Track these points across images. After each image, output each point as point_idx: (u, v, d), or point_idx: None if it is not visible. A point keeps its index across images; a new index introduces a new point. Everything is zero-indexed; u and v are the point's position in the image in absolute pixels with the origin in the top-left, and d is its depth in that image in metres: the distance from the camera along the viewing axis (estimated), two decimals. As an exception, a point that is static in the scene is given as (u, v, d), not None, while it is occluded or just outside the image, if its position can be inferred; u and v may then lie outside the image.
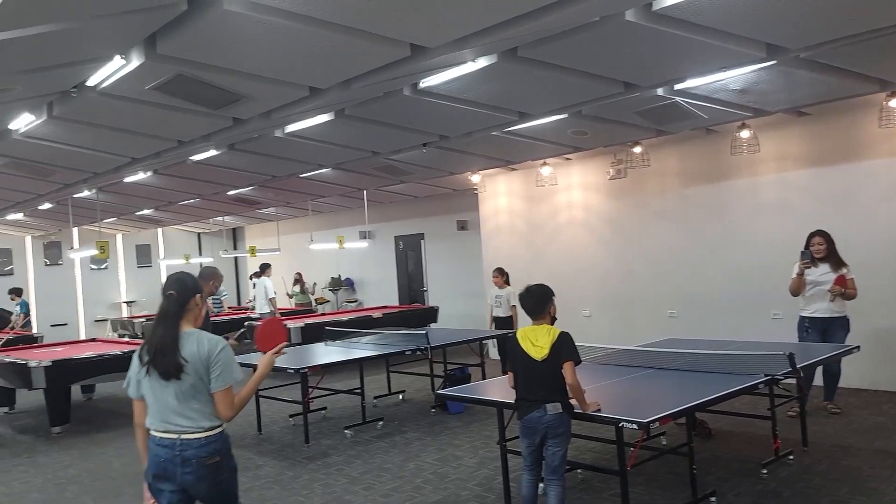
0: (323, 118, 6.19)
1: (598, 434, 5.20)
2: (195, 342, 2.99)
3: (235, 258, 18.73)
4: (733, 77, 5.30)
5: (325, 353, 7.72)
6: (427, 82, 5.21)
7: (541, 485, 4.12)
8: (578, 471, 5.07)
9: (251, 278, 16.27)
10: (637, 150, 8.32)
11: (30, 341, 10.91)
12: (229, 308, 15.63)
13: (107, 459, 6.62)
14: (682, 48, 4.51)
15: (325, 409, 7.81)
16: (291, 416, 7.49)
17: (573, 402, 3.95)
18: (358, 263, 15.35)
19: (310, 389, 6.87)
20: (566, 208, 10.25)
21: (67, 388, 8.06)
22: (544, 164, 9.56)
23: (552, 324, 4.06)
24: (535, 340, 3.94)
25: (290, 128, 6.54)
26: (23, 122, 5.66)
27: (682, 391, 4.63)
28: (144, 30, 3.84)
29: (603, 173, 9.53)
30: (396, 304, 13.93)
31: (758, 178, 8.15)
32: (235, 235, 19.13)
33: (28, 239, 16.09)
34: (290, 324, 10.58)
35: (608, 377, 5.09)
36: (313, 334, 10.10)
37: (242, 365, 3.53)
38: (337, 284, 15.52)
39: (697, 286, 8.70)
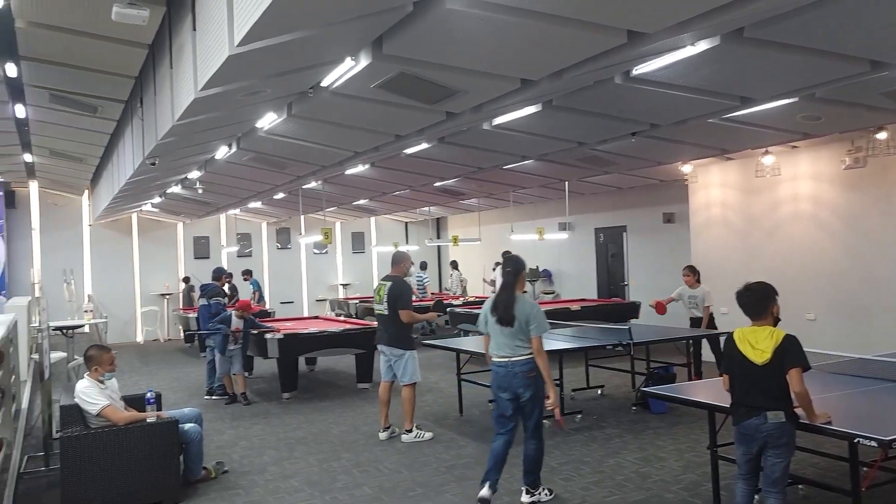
0: (530, 110, 6.24)
1: (824, 449, 4.76)
2: (522, 303, 4.68)
3: (438, 247, 19.61)
4: None
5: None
6: (640, 69, 5.04)
7: (756, 496, 3.85)
8: (800, 486, 4.65)
9: (452, 266, 16.99)
10: (881, 135, 7.39)
11: (264, 316, 12.32)
12: (432, 294, 16.42)
13: (327, 426, 7.30)
14: (949, 17, 3.91)
15: (523, 397, 7.91)
16: (490, 401, 7.69)
17: (798, 411, 3.63)
18: (556, 255, 15.31)
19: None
20: (790, 201, 9.37)
21: (295, 359, 9.00)
22: (766, 152, 8.82)
23: (775, 325, 3.76)
24: (756, 343, 3.68)
25: (498, 120, 6.69)
26: (267, 120, 6.39)
27: (932, 410, 4.06)
28: (373, 32, 4.15)
29: (837, 162, 8.57)
30: (595, 297, 13.70)
31: None
32: (439, 225, 20.00)
33: (264, 225, 18.15)
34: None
35: (840, 388, 4.61)
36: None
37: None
38: (534, 275, 15.62)
39: (953, 292, 7.52)
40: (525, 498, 4.82)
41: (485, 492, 4.67)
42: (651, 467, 5.50)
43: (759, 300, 3.77)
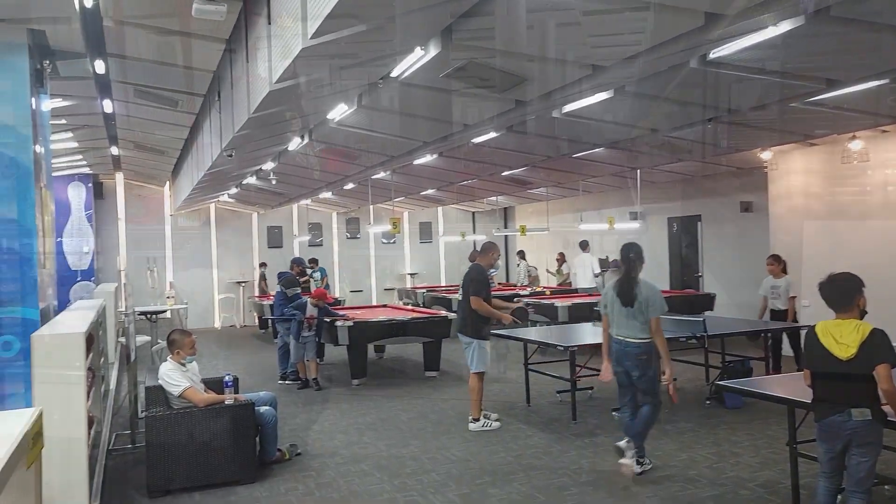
0: (601, 96, 6.11)
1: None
2: (642, 287, 5.11)
3: (505, 236, 19.53)
4: None
5: (593, 333, 7.71)
6: (718, 52, 4.86)
7: (839, 496, 3.69)
8: (886, 486, 4.43)
9: (519, 257, 16.88)
10: (982, 118, 6.88)
11: (335, 304, 12.55)
12: (499, 283, 16.37)
13: (395, 413, 7.41)
14: None
15: (591, 388, 7.82)
16: (559, 392, 7.64)
17: (886, 408, 3.46)
18: (627, 245, 14.98)
19: (578, 368, 6.93)
20: (880, 188, 8.87)
21: (365, 346, 9.16)
22: (853, 137, 8.37)
23: (861, 318, 3.58)
24: (840, 337, 3.51)
25: (568, 107, 6.58)
26: (338, 112, 6.49)
27: None
28: (443, 21, 4.16)
29: (931, 147, 8.06)
30: (667, 288, 13.37)
31: None
32: (506, 215, 19.91)
33: (334, 215, 18.51)
34: (558, 303, 10.77)
35: (933, 386, 4.34)
36: (580, 314, 10.17)
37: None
38: (603, 265, 15.35)
39: None
40: (627, 456, 5.12)
41: (622, 442, 5.20)
42: (726, 463, 5.35)
43: (844, 292, 3.61)
